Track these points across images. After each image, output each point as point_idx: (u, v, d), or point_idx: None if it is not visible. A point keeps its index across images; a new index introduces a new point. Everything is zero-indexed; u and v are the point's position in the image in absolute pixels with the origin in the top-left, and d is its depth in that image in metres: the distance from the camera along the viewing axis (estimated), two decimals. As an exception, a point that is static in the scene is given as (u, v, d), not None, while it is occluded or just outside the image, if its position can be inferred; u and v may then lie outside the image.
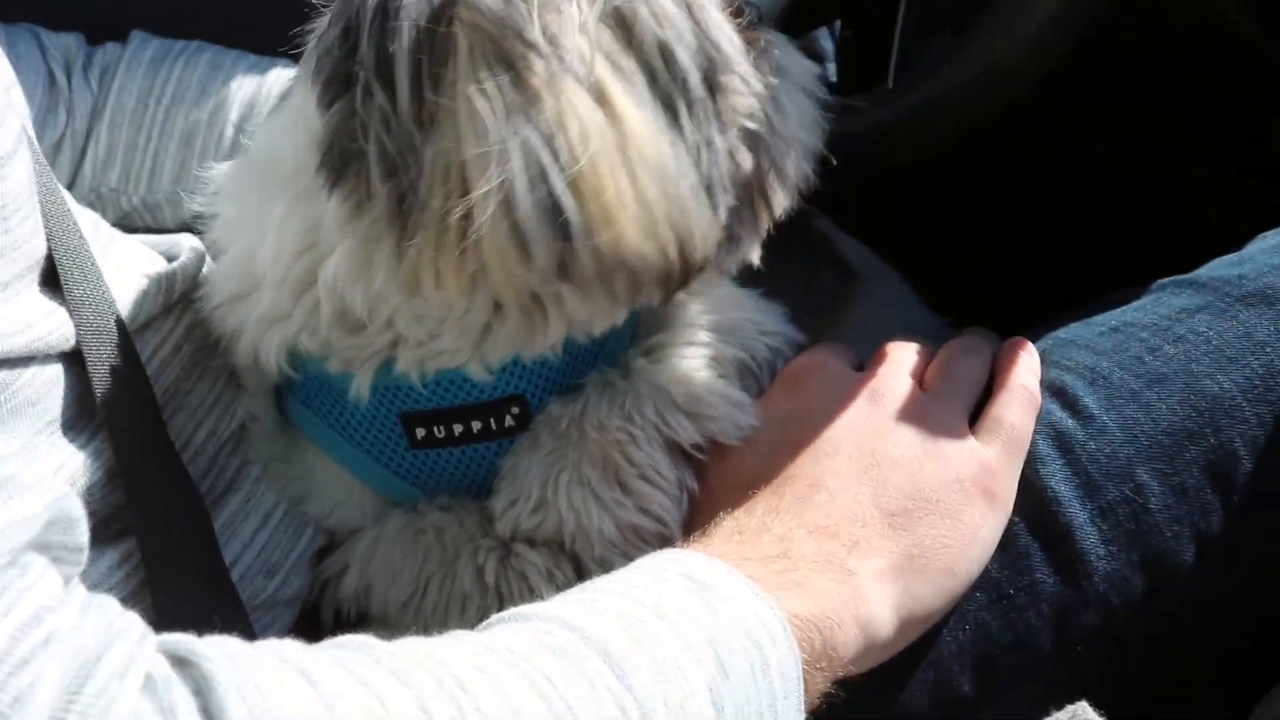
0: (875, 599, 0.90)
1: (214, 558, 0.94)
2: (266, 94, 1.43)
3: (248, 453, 1.07)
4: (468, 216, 0.79)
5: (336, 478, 1.05)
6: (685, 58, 0.84)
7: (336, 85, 0.85)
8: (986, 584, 0.99)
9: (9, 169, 0.84)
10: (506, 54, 0.79)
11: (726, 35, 0.88)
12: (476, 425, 1.00)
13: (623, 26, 0.83)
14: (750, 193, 0.93)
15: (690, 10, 0.86)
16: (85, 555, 0.70)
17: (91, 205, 1.43)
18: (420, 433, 1.00)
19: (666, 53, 0.83)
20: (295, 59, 1.47)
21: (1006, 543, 0.99)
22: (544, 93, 0.79)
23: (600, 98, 0.80)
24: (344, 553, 1.06)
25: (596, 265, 0.80)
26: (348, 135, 0.83)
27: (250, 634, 0.88)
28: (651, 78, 0.83)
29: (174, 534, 0.91)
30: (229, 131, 1.42)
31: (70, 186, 1.43)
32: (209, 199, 1.05)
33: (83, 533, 0.70)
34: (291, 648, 0.72)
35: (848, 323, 1.34)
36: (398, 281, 0.87)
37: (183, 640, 0.69)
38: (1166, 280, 1.13)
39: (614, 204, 0.79)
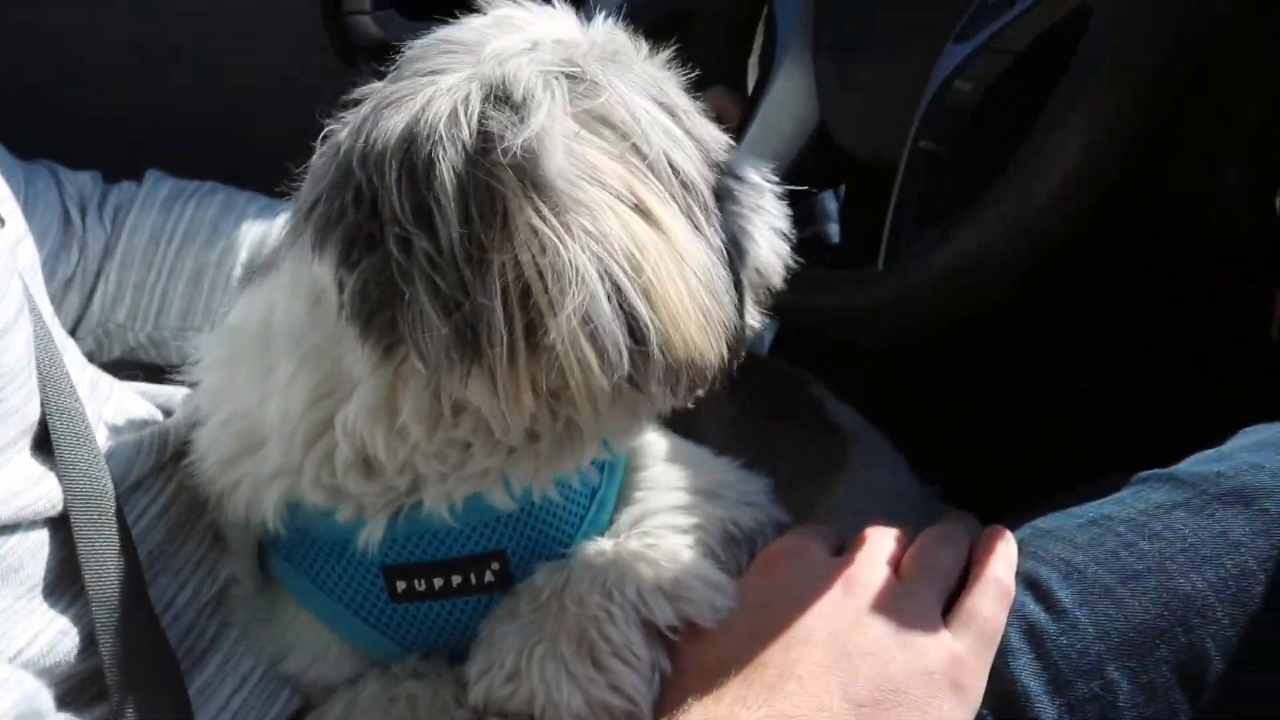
0: None
1: None
2: (275, 236, 1.46)
3: (228, 614, 1.08)
4: (546, 334, 0.86)
5: (314, 633, 1.06)
6: (692, 170, 0.93)
7: (359, 245, 0.89)
8: None
9: (7, 341, 0.86)
10: (551, 184, 0.85)
11: (721, 144, 0.99)
12: (457, 579, 1.02)
13: (635, 151, 0.91)
14: None
15: (687, 127, 0.96)
16: None
17: (99, 341, 1.46)
18: (401, 585, 1.02)
19: (675, 167, 0.92)
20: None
21: (974, 736, 0.99)
22: (597, 214, 0.86)
23: (644, 213, 0.88)
24: (318, 716, 1.07)
25: (666, 365, 0.88)
26: (382, 286, 0.88)
27: None
28: (671, 191, 0.91)
29: (149, 700, 0.92)
30: (238, 272, 1.45)
31: (77, 323, 1.46)
32: (193, 369, 1.07)
33: None
34: None
35: (838, 489, 1.35)
36: (425, 416, 0.94)
37: None
38: (1148, 473, 1.14)
39: (678, 308, 0.87)
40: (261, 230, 1.47)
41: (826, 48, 1.45)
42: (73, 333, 1.42)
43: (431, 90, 0.89)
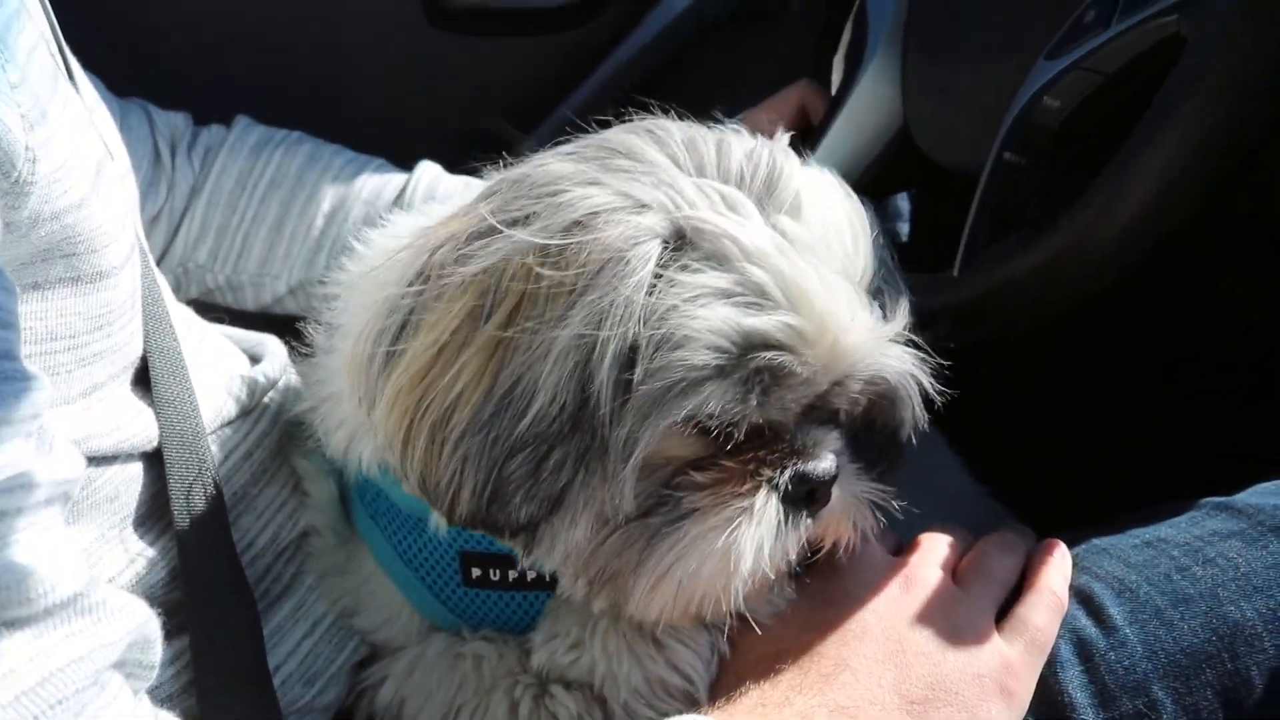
0: None
1: (260, 663, 0.97)
2: (357, 192, 1.49)
3: (304, 561, 1.11)
4: None
5: (388, 596, 1.09)
6: None
7: None
8: None
9: (120, 278, 0.89)
10: None
11: None
12: (530, 574, 1.04)
13: None
14: None
15: None
16: (155, 671, 0.74)
17: (178, 280, 1.49)
18: (475, 572, 1.05)
19: None
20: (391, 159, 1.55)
21: (1019, 743, 1.02)
22: None
23: None
24: (384, 665, 1.10)
25: None
26: None
27: None
28: None
29: (225, 636, 0.95)
30: (319, 222, 1.47)
31: (160, 260, 1.49)
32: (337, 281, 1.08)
33: (157, 652, 0.74)
34: None
35: (891, 483, 1.37)
36: None
37: None
38: (1207, 500, 1.16)
39: None
40: (346, 183, 1.49)
41: (916, 50, 1.46)
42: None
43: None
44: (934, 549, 1.09)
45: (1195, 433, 1.46)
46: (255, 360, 1.15)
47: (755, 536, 0.93)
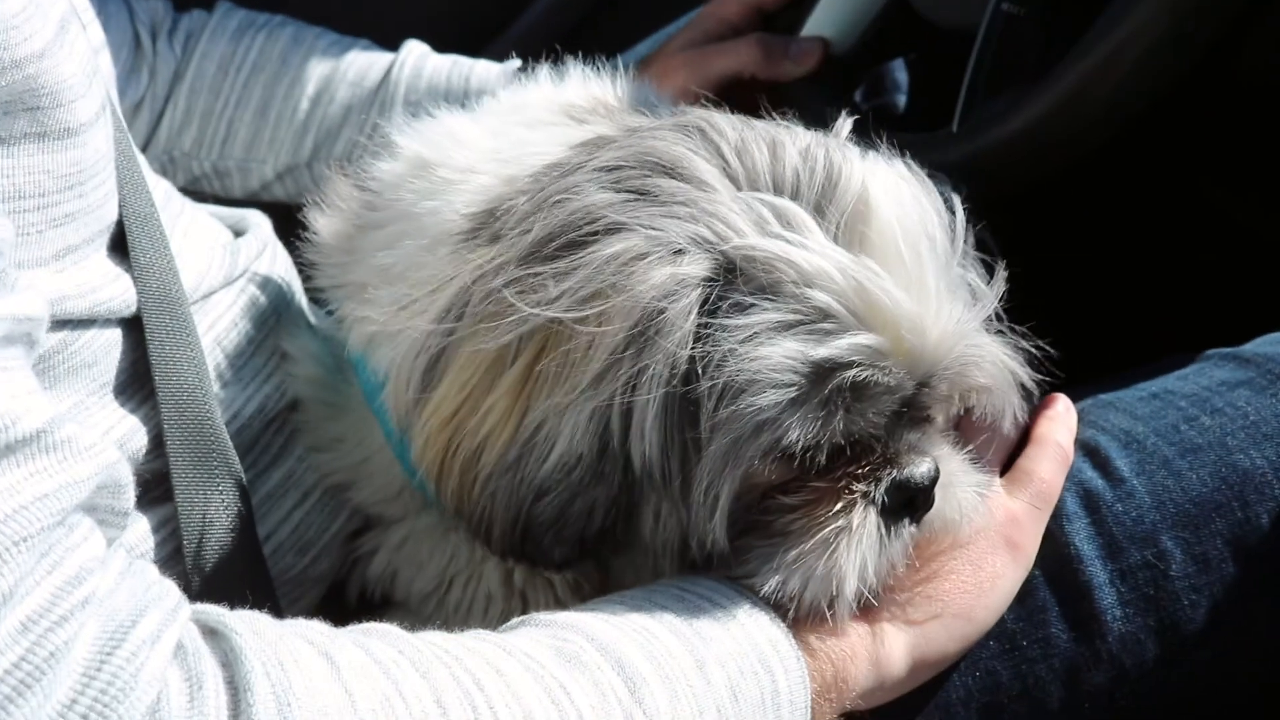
0: (890, 637, 0.92)
1: (249, 531, 0.96)
2: (342, 74, 1.46)
3: (293, 432, 1.09)
4: None
5: (387, 474, 1.07)
6: None
7: None
8: (1001, 633, 1.00)
9: (89, 136, 0.86)
10: None
11: None
12: None
13: None
14: None
15: None
16: (129, 519, 0.73)
17: (164, 168, 1.46)
18: None
19: None
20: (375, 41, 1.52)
21: (1025, 595, 1.00)
22: None
23: None
24: (376, 536, 1.08)
25: None
26: None
27: (277, 609, 0.91)
28: None
29: (212, 504, 0.93)
30: (304, 104, 1.45)
31: (144, 147, 1.46)
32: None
33: (129, 498, 0.73)
34: (318, 629, 0.74)
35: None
36: None
37: (214, 612, 0.71)
38: (1213, 351, 1.14)
39: None
40: (330, 65, 1.46)
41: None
42: (138, 158, 1.42)
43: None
44: None
45: (1200, 282, 1.43)
46: (239, 234, 1.13)
47: (857, 557, 0.89)
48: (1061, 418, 1.07)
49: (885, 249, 0.87)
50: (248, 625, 0.70)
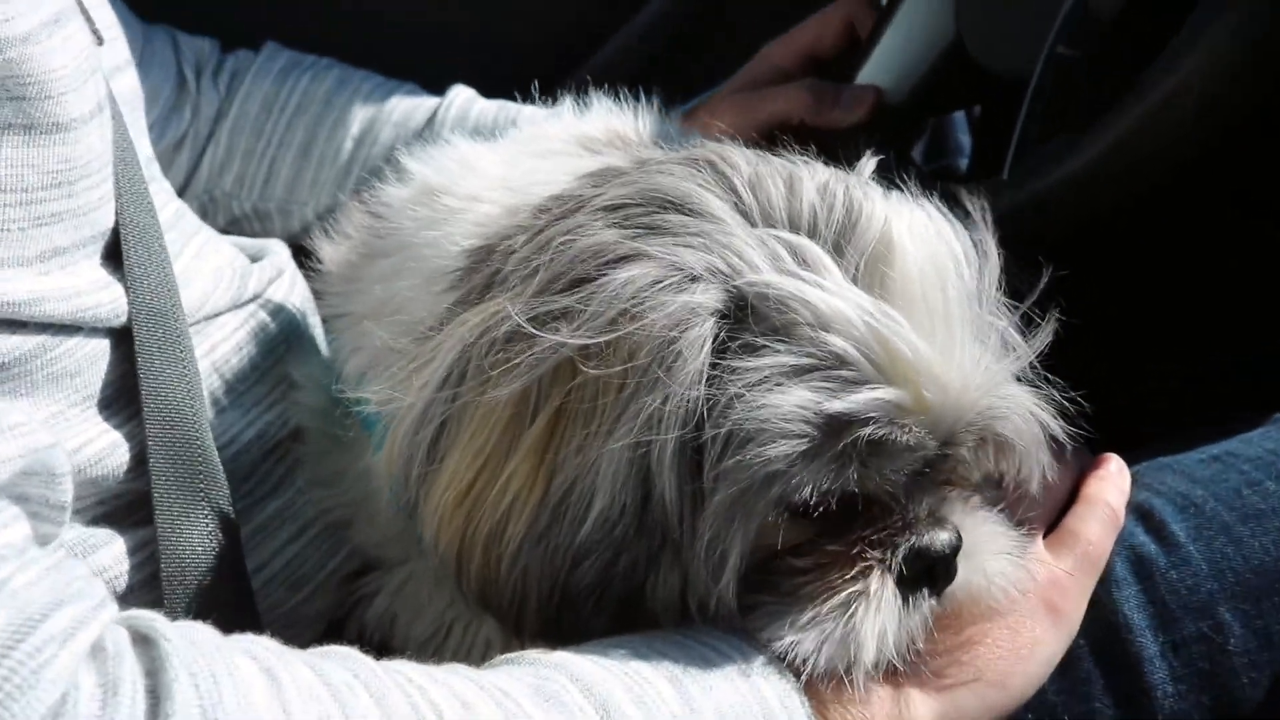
0: (916, 704, 0.85)
1: (236, 560, 0.91)
2: (387, 116, 1.44)
3: (295, 464, 1.05)
4: None
5: (388, 515, 1.01)
6: None
7: None
8: (1040, 705, 0.93)
9: (82, 134, 0.84)
10: None
11: None
12: None
13: None
14: None
15: None
16: (67, 515, 0.69)
17: (204, 208, 1.45)
18: None
19: None
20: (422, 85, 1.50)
21: (1068, 665, 0.93)
22: None
23: None
24: (378, 579, 1.03)
25: None
26: None
27: None
28: None
29: (197, 529, 0.89)
30: (348, 145, 1.43)
31: (185, 186, 1.45)
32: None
33: (66, 490, 0.68)
34: (267, 645, 0.69)
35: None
36: None
37: (148, 617, 0.67)
38: None
39: None
40: (375, 107, 1.45)
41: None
42: (179, 196, 1.41)
43: None
44: None
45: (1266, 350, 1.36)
46: (256, 261, 1.10)
47: (876, 623, 0.82)
48: (1114, 478, 1.01)
49: (908, 293, 0.81)
50: (183, 634, 0.65)
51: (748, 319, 0.79)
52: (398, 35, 1.70)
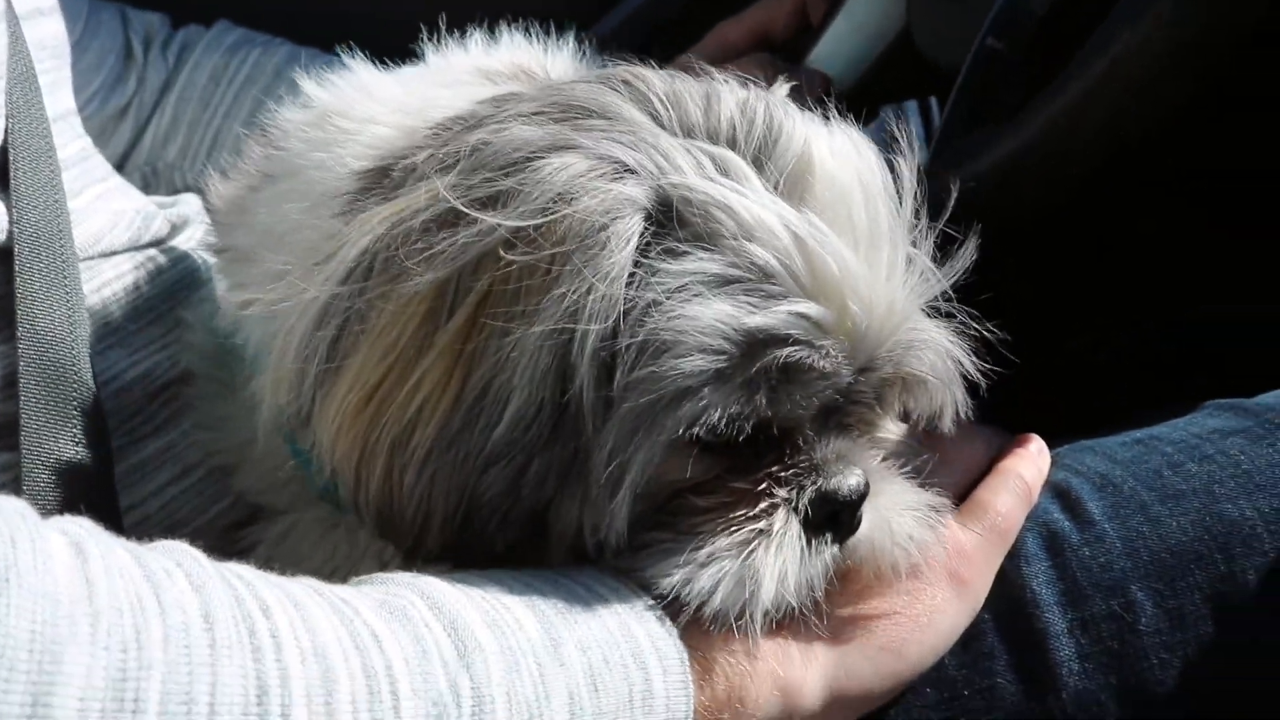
0: (803, 662, 0.82)
1: (106, 492, 0.89)
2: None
3: (181, 408, 1.02)
4: None
5: (275, 462, 0.98)
6: None
7: None
8: (940, 680, 0.90)
9: None
10: None
11: None
12: None
13: None
14: None
15: None
16: None
17: (145, 179, 1.43)
18: None
19: None
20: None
21: (971, 638, 0.90)
22: None
23: None
24: (259, 530, 1.00)
25: None
26: None
27: None
28: None
29: (64, 454, 0.86)
30: None
31: (125, 157, 1.44)
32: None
33: None
34: (89, 527, 0.65)
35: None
36: None
37: None
38: (1213, 402, 1.04)
39: None
40: None
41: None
42: (119, 167, 1.39)
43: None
44: None
45: (1203, 335, 1.34)
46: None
47: (777, 563, 0.79)
48: (1031, 456, 0.98)
49: (833, 209, 0.79)
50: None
51: (672, 222, 0.77)
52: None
